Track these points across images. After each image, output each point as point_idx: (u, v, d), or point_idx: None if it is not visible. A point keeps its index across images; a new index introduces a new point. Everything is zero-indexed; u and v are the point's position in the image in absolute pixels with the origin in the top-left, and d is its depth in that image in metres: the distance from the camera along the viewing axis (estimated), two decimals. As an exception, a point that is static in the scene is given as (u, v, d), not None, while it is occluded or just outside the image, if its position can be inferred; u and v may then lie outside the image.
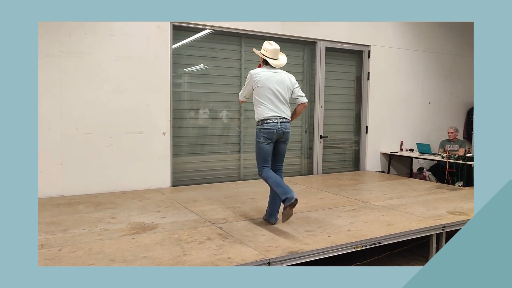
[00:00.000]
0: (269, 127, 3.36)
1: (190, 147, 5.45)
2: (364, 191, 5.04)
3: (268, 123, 3.37)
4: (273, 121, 3.37)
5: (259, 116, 3.43)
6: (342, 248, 3.02)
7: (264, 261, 2.66)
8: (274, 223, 3.49)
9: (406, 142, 6.92)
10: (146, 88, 4.88)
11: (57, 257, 2.66)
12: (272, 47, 3.49)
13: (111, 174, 4.74)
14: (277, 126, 3.37)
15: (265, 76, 3.42)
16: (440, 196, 4.71)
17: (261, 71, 3.45)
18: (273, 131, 3.37)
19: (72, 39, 4.44)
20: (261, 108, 3.41)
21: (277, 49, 3.50)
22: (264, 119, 3.38)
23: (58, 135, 4.45)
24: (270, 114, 3.38)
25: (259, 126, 3.43)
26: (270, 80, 3.42)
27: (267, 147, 3.42)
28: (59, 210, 3.87)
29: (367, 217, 3.75)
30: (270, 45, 3.50)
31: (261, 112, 3.41)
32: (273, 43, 3.53)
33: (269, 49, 3.48)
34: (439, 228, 3.54)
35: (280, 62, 3.53)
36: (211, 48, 5.44)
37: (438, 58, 7.29)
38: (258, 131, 3.43)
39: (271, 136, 3.38)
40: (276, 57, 3.51)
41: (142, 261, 2.61)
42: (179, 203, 4.20)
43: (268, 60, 3.48)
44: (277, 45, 3.54)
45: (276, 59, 3.51)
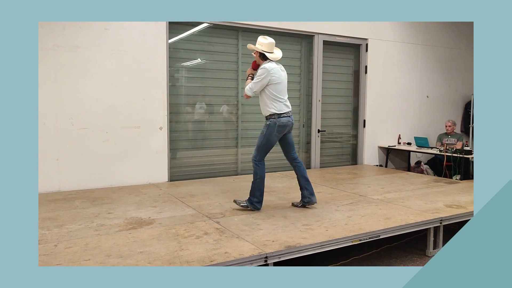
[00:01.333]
0: (284, 121, 3.55)
1: (187, 142, 5.43)
2: (361, 185, 5.03)
3: (284, 117, 3.55)
4: (288, 114, 3.59)
5: (275, 111, 3.54)
6: (339, 242, 3.01)
7: (262, 256, 2.65)
8: (315, 202, 3.77)
9: (404, 136, 6.92)
10: (142, 83, 4.84)
11: (52, 253, 2.64)
12: (268, 41, 3.54)
13: (107, 169, 4.71)
14: (290, 120, 3.61)
15: (277, 72, 3.54)
16: (438, 190, 4.71)
17: (274, 67, 3.53)
18: (287, 125, 3.60)
19: (66, 33, 4.39)
20: (278, 104, 3.55)
21: (273, 42, 3.57)
22: (281, 113, 3.54)
23: (54, 130, 4.41)
24: (286, 109, 3.59)
25: (274, 119, 3.54)
26: (282, 76, 3.59)
27: (275, 140, 3.63)
28: (55, 205, 3.85)
29: (365, 210, 3.75)
30: (265, 40, 3.55)
31: (279, 107, 3.54)
32: (268, 38, 3.58)
33: (264, 43, 3.54)
34: (436, 221, 3.54)
35: (277, 55, 3.61)
36: (208, 42, 5.40)
37: (436, 51, 7.26)
38: (273, 124, 3.53)
39: (285, 129, 3.60)
40: (272, 50, 3.59)
41: (139, 256, 2.60)
42: (176, 198, 4.18)
43: (266, 54, 3.54)
44: (272, 39, 3.58)
45: (272, 53, 3.59)
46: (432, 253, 3.57)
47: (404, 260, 3.51)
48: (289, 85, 5.94)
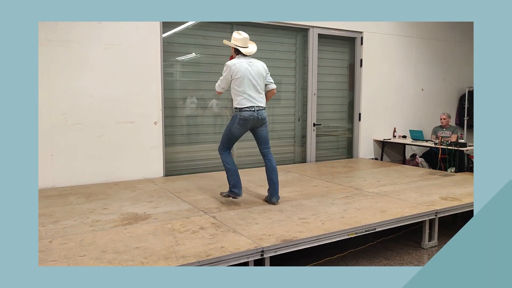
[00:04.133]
0: (246, 115, 3.59)
1: (182, 137, 5.40)
2: (357, 178, 5.04)
3: (245, 111, 3.59)
4: (250, 109, 3.60)
5: (238, 105, 3.63)
6: (335, 236, 3.02)
7: (258, 250, 2.65)
8: (274, 203, 3.76)
9: (399, 129, 6.93)
10: (136, 77, 4.80)
11: (47, 249, 2.63)
12: (242, 36, 3.66)
13: (102, 165, 4.69)
14: (253, 114, 3.61)
15: (243, 67, 3.59)
16: (433, 182, 4.73)
17: (237, 62, 3.61)
18: (249, 119, 3.61)
19: (59, 27, 4.34)
20: (240, 98, 3.61)
21: (247, 37, 3.68)
22: (242, 108, 3.60)
23: (47, 126, 4.37)
24: (248, 104, 3.60)
25: (236, 113, 3.64)
26: (248, 71, 3.60)
27: (238, 133, 3.70)
28: (50, 201, 3.82)
29: (361, 204, 3.76)
30: (239, 35, 3.67)
31: (240, 102, 3.61)
32: (242, 33, 3.69)
33: (238, 38, 3.66)
34: (432, 214, 3.55)
35: (250, 50, 3.71)
36: (202, 36, 5.36)
37: (431, 44, 7.26)
38: (235, 117, 3.65)
39: (246, 123, 3.64)
40: (246, 45, 3.69)
41: (134, 251, 2.59)
42: (172, 193, 4.17)
43: (240, 49, 3.65)
44: (246, 34, 3.69)
45: (246, 47, 3.69)
46: (427, 245, 3.59)
47: (400, 252, 3.52)
48: (284, 79, 6.04)
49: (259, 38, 5.71)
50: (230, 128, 3.70)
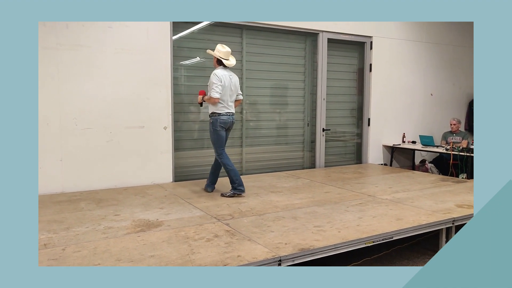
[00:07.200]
0: (224, 119, 4.15)
1: (192, 142, 5.35)
2: (368, 184, 4.98)
3: (224, 115, 4.14)
4: (228, 114, 4.17)
5: (216, 111, 4.12)
6: (353, 244, 2.95)
7: (276, 259, 2.59)
8: (210, 192, 4.37)
9: (408, 134, 6.87)
10: (146, 81, 4.77)
11: (61, 257, 2.58)
12: (225, 50, 4.14)
13: (112, 170, 4.64)
14: (230, 118, 4.20)
15: (227, 78, 4.11)
16: (446, 189, 4.66)
17: (222, 74, 4.08)
18: (227, 122, 4.18)
19: (69, 31, 4.31)
20: (220, 105, 4.12)
21: (229, 51, 4.17)
22: (221, 113, 4.13)
23: (57, 130, 4.33)
24: (226, 110, 4.16)
25: (215, 117, 4.13)
26: (229, 82, 4.13)
27: (223, 133, 4.19)
28: (60, 207, 3.78)
29: (375, 211, 3.69)
30: (223, 48, 4.15)
31: (219, 108, 4.12)
32: (225, 46, 4.16)
33: (222, 51, 4.13)
34: (449, 222, 3.49)
35: (231, 62, 4.20)
36: (211, 40, 5.31)
37: (440, 49, 7.21)
38: (215, 121, 4.13)
39: (226, 125, 4.18)
40: (228, 58, 4.16)
41: (150, 260, 2.54)
42: (183, 199, 4.11)
43: (223, 60, 4.12)
44: (229, 48, 4.16)
45: (228, 60, 4.16)
46: (444, 254, 3.52)
47: (416, 261, 3.46)
48: (293, 84, 6.00)
49: (268, 43, 5.68)
50: (215, 132, 4.15)
